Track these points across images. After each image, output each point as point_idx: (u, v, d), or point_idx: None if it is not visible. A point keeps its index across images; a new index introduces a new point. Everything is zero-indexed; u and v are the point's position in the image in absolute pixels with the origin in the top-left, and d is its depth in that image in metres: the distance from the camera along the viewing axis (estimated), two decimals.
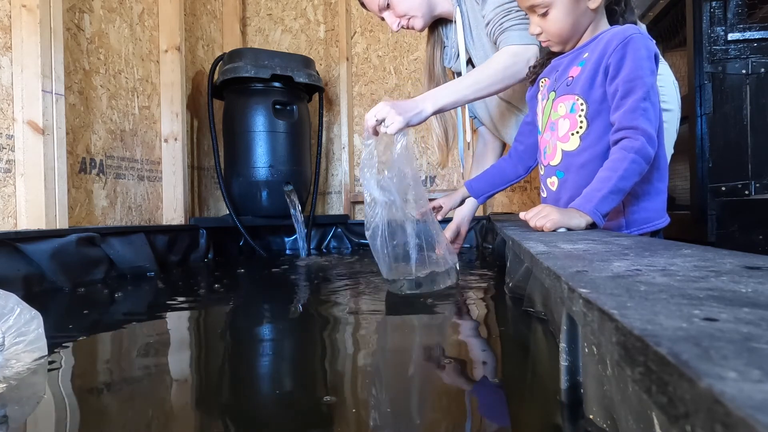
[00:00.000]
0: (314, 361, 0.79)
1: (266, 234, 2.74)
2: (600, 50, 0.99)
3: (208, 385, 0.69)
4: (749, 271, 0.41)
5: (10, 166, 1.54)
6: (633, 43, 0.94)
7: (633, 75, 0.93)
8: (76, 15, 1.83)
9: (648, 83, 0.93)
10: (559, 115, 1.06)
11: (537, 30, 1.07)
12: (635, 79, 0.93)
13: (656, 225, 1.03)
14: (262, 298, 1.40)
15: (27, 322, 0.73)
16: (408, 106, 1.18)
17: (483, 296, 1.25)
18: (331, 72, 3.07)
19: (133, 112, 2.12)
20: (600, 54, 0.98)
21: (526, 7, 1.05)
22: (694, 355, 0.20)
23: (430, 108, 1.21)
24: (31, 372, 0.70)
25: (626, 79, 0.94)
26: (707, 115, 1.68)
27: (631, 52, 0.94)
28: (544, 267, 0.50)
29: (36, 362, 0.72)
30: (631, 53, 0.94)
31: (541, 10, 1.02)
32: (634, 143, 0.92)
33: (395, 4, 1.41)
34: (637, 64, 0.93)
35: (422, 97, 1.24)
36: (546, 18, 1.02)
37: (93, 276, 1.59)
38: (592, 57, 1.00)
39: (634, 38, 0.95)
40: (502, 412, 0.56)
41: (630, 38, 0.95)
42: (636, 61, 0.94)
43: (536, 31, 1.07)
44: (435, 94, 1.24)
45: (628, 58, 0.94)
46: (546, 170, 1.13)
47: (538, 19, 1.04)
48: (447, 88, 1.25)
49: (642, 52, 0.94)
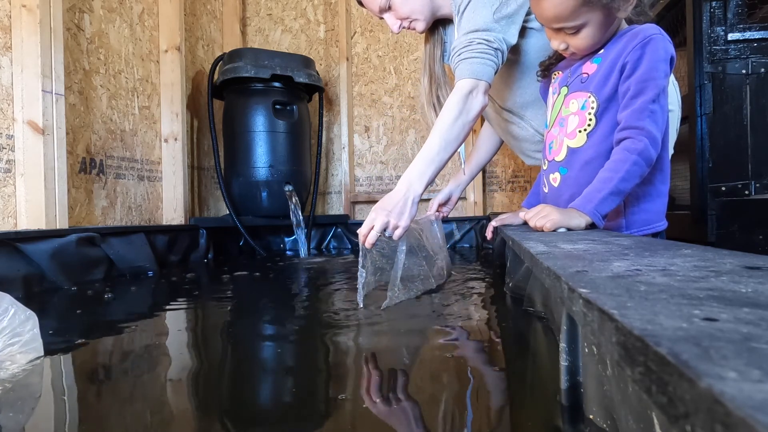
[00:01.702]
0: (314, 361, 0.79)
1: (266, 234, 2.75)
2: (619, 48, 0.97)
3: (208, 386, 0.69)
4: (749, 271, 0.41)
5: (10, 166, 1.54)
6: (653, 43, 0.93)
7: (647, 75, 0.92)
8: (76, 15, 1.83)
9: (660, 85, 0.93)
10: (570, 111, 1.05)
11: (563, 46, 1.02)
12: (648, 80, 0.92)
13: (655, 228, 1.03)
14: (262, 298, 1.40)
15: (22, 323, 0.72)
16: (397, 202, 1.10)
17: (483, 296, 1.25)
18: (331, 72, 3.07)
19: (133, 112, 2.12)
20: (618, 52, 0.97)
21: (552, 29, 1.00)
22: (694, 355, 0.20)
23: (419, 189, 1.13)
24: (27, 373, 0.69)
25: (640, 79, 0.93)
26: (707, 115, 1.68)
27: (650, 53, 0.93)
28: (544, 267, 0.50)
29: (31, 363, 0.72)
30: (649, 53, 0.93)
31: (571, 30, 0.97)
32: (638, 144, 0.91)
33: (397, 6, 1.38)
34: (653, 65, 0.92)
35: (404, 184, 1.13)
36: (577, 35, 0.98)
37: (93, 276, 1.59)
38: (609, 54, 0.99)
39: (655, 39, 0.93)
40: (502, 411, 0.56)
41: (651, 38, 0.93)
42: (653, 62, 0.92)
43: (561, 47, 1.02)
44: (414, 173, 1.15)
45: (646, 58, 0.93)
46: (549, 166, 1.12)
47: (565, 36, 1.00)
48: (423, 161, 1.16)
49: (660, 54, 0.93)
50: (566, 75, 1.09)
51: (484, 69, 1.18)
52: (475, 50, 1.18)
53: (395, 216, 1.08)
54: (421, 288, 1.23)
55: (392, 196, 1.12)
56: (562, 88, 1.09)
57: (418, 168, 1.15)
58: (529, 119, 1.48)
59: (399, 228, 1.09)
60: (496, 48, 1.19)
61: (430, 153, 1.16)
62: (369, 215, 1.09)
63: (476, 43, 1.18)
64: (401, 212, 1.10)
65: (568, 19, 0.95)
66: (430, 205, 1.61)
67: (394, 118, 3.02)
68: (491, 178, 2.89)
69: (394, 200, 1.11)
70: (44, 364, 0.73)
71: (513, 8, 1.22)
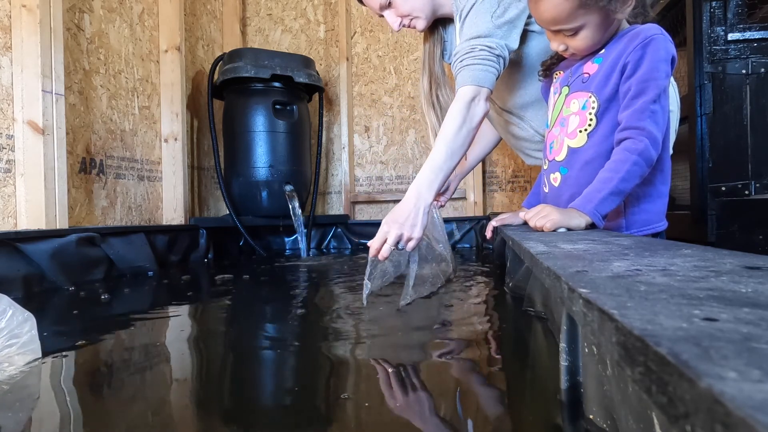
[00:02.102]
0: (315, 361, 0.79)
1: (266, 234, 2.75)
2: (620, 48, 0.97)
3: (207, 386, 0.69)
4: (749, 271, 0.41)
5: (10, 166, 1.54)
6: (654, 43, 0.93)
7: (648, 76, 0.92)
8: (76, 15, 1.83)
9: (661, 86, 0.92)
10: (571, 111, 1.05)
11: (562, 47, 1.02)
12: (649, 80, 0.92)
13: (655, 228, 1.03)
14: (262, 299, 1.40)
15: (20, 324, 0.71)
16: (408, 214, 1.10)
17: (483, 296, 1.25)
18: (331, 72, 3.07)
19: (133, 112, 2.12)
20: (619, 52, 0.96)
21: (551, 31, 1.01)
22: (694, 355, 0.20)
23: (429, 199, 1.13)
24: (24, 375, 0.68)
25: (641, 79, 0.92)
26: (707, 115, 1.68)
27: (651, 53, 0.92)
28: (544, 267, 0.50)
29: (29, 365, 0.71)
30: (650, 53, 0.92)
31: (570, 32, 0.98)
32: (638, 145, 0.91)
33: (398, 4, 1.38)
34: (654, 66, 0.92)
35: (414, 194, 1.13)
36: (575, 37, 0.98)
37: (93, 276, 1.59)
38: (610, 54, 0.98)
39: (656, 39, 0.93)
40: (503, 412, 0.56)
41: (652, 38, 0.93)
42: (654, 62, 0.92)
43: (561, 48, 1.02)
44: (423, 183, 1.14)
45: (647, 59, 0.92)
46: (550, 165, 1.12)
47: (564, 38, 1.00)
48: (431, 170, 1.16)
49: (661, 54, 0.92)
50: (567, 75, 1.09)
51: (486, 76, 1.19)
52: (478, 57, 1.19)
53: (408, 228, 1.08)
54: (430, 288, 1.23)
55: (402, 207, 1.11)
56: (563, 88, 1.09)
57: (426, 177, 1.15)
58: (529, 120, 1.48)
59: (412, 240, 1.09)
60: (497, 55, 1.20)
61: (437, 162, 1.17)
62: (381, 228, 1.08)
63: (478, 50, 1.19)
64: (413, 224, 1.09)
65: (566, 21, 0.95)
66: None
67: (394, 118, 3.02)
68: (491, 178, 2.89)
69: (405, 212, 1.10)
70: (42, 365, 0.73)
71: (515, 13, 1.22)
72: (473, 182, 2.80)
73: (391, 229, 1.07)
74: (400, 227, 1.08)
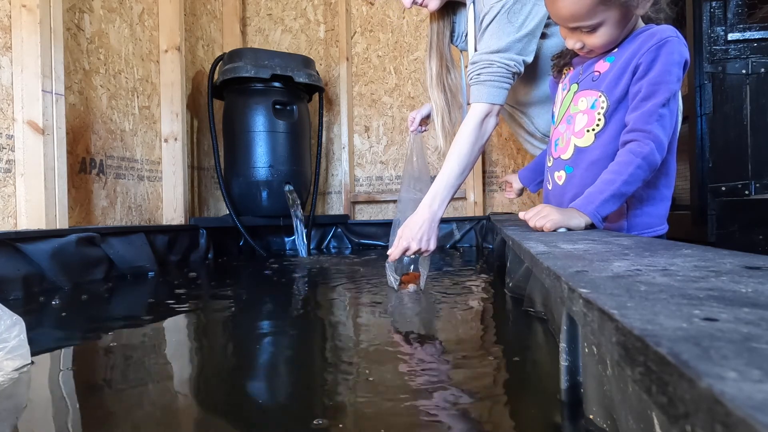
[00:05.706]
0: (315, 361, 0.79)
1: (266, 234, 2.75)
2: (634, 48, 0.95)
3: (207, 387, 0.69)
4: (749, 271, 0.41)
5: (10, 166, 1.54)
6: (668, 46, 0.91)
7: (659, 78, 0.91)
8: (76, 15, 1.83)
9: (672, 89, 0.91)
10: (579, 109, 1.04)
11: (578, 45, 1.00)
12: (660, 83, 0.91)
13: (656, 231, 1.03)
14: (262, 299, 1.40)
15: (8, 329, 0.67)
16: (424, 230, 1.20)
17: (483, 296, 1.25)
18: (331, 72, 3.07)
19: (133, 112, 2.12)
20: (633, 52, 0.95)
21: (568, 28, 0.99)
22: (694, 355, 0.20)
23: (440, 213, 1.22)
24: (12, 382, 0.65)
25: (652, 82, 0.92)
26: (707, 115, 1.68)
27: (664, 55, 0.91)
28: (544, 267, 0.50)
29: (18, 371, 0.68)
30: (664, 56, 0.91)
31: (588, 29, 0.96)
32: (643, 148, 0.90)
33: None
34: (666, 68, 0.91)
35: (427, 210, 1.21)
36: (593, 34, 0.96)
37: (93, 276, 1.59)
38: (623, 54, 0.97)
39: (671, 41, 0.92)
40: (503, 411, 0.56)
41: (666, 40, 0.92)
42: (666, 65, 0.91)
43: (577, 46, 1.00)
44: (436, 199, 1.22)
45: (660, 61, 0.91)
46: (555, 163, 1.12)
47: (581, 35, 0.98)
48: (444, 187, 1.23)
49: (675, 57, 0.91)
50: (577, 71, 1.08)
51: (500, 93, 1.23)
52: (495, 74, 1.22)
53: (424, 243, 1.21)
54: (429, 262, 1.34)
55: (417, 222, 1.21)
56: (572, 84, 1.08)
57: (440, 194, 1.23)
58: (532, 116, 1.49)
59: (428, 252, 1.24)
60: (514, 72, 1.23)
61: (450, 178, 1.23)
62: (399, 242, 1.20)
63: (496, 66, 1.22)
64: (429, 238, 1.21)
65: (585, 18, 0.93)
66: (411, 118, 1.60)
67: (394, 118, 3.02)
68: (491, 178, 2.89)
69: (421, 227, 1.20)
70: (32, 371, 0.70)
71: (535, 23, 1.23)
72: (473, 182, 2.80)
73: (411, 244, 1.20)
74: (418, 243, 1.20)
